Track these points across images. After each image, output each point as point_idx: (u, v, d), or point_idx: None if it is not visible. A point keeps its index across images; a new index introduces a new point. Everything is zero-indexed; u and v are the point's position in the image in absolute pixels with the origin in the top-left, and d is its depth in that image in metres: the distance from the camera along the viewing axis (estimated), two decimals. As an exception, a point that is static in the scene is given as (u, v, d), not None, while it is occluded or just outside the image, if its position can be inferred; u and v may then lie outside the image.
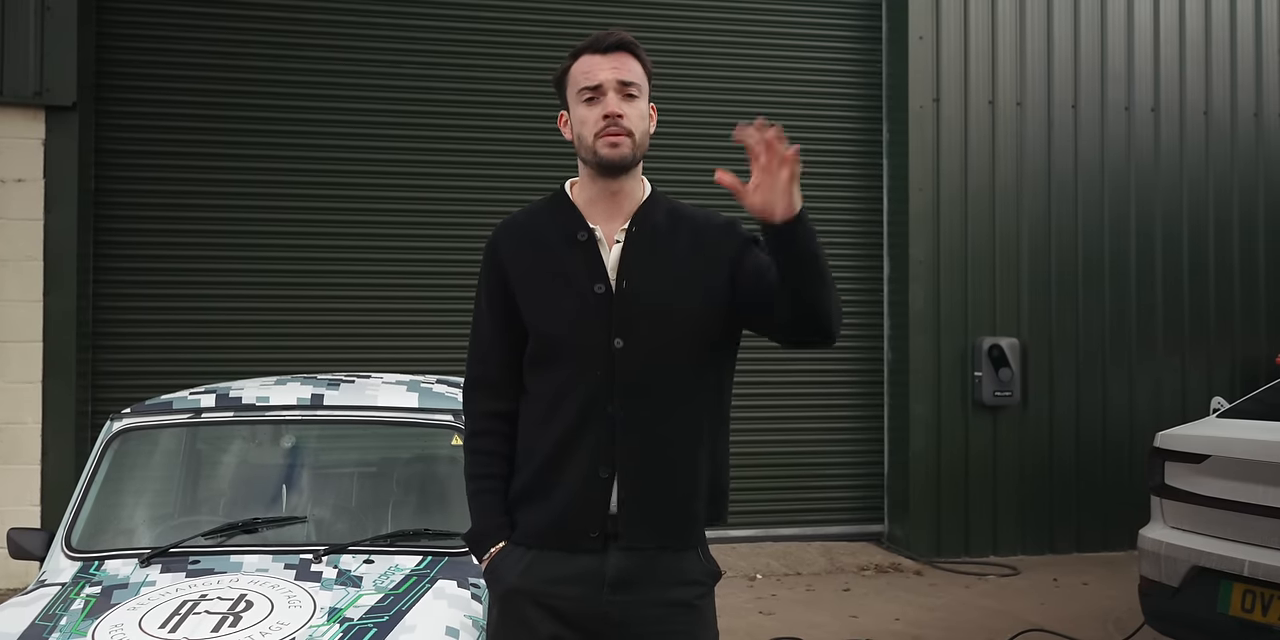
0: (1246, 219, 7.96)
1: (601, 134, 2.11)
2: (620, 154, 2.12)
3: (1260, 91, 8.00)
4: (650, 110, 2.21)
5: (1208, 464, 4.19)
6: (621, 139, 2.11)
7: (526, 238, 2.22)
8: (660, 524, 2.13)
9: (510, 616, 2.15)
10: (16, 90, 6.32)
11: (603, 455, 2.11)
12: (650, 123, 2.20)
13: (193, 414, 3.46)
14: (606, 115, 2.10)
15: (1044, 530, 7.44)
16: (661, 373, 2.12)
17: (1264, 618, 3.82)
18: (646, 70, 2.19)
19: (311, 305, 6.98)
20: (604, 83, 2.11)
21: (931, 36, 7.45)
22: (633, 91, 2.14)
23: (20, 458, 6.31)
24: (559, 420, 2.13)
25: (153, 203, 6.83)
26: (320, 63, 7.06)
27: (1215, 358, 7.83)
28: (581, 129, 2.15)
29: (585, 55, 2.16)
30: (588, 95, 2.13)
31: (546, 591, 2.11)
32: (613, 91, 2.12)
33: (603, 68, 2.13)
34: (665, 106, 7.76)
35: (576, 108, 2.16)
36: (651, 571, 2.12)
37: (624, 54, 2.15)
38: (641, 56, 2.18)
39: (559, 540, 2.13)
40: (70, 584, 2.97)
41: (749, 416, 6.81)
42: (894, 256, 7.60)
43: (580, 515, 2.11)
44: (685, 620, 2.14)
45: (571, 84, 2.17)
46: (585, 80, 2.13)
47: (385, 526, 3.38)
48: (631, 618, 2.10)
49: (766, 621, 5.66)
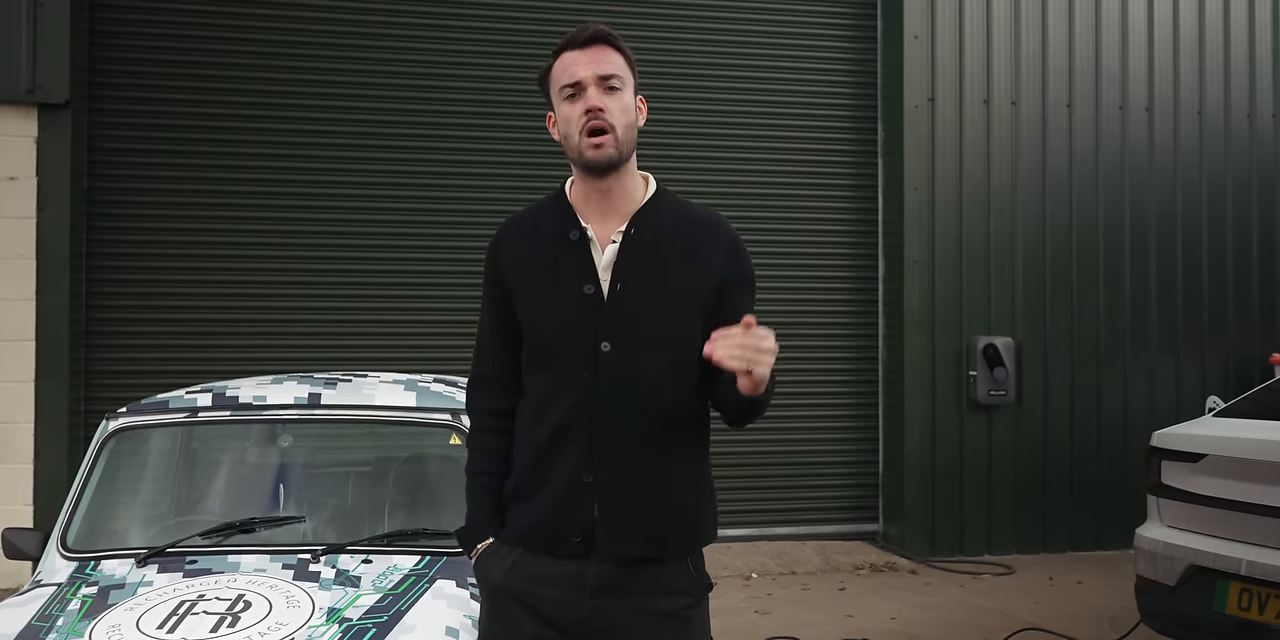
0: (1240, 218, 7.99)
1: (584, 132, 2.08)
2: (605, 154, 2.09)
3: (1253, 91, 8.02)
4: (639, 102, 2.17)
5: (1204, 463, 4.20)
6: (605, 139, 2.08)
7: (525, 236, 2.20)
8: (640, 533, 2.09)
9: (496, 614, 2.15)
10: (9, 88, 6.29)
11: (587, 459, 2.09)
12: (640, 115, 2.17)
13: (189, 413, 3.44)
14: (588, 110, 2.08)
15: (1038, 529, 7.46)
16: (647, 379, 2.10)
17: (1260, 616, 3.83)
18: (629, 61, 2.15)
19: (307, 304, 6.96)
20: (583, 78, 2.09)
21: (926, 36, 7.46)
22: (614, 83, 2.10)
23: (12, 457, 6.29)
24: (548, 421, 2.12)
25: (146, 201, 6.81)
26: (315, 60, 7.04)
27: (1209, 357, 7.86)
28: (567, 128, 2.12)
29: (564, 52, 2.13)
30: (569, 92, 2.11)
31: (530, 591, 2.10)
32: (593, 86, 2.09)
33: (581, 63, 2.10)
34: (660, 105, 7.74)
35: (560, 106, 2.13)
36: (634, 580, 2.08)
37: (602, 46, 2.12)
38: (621, 47, 2.14)
39: (542, 542, 2.11)
40: (66, 584, 2.95)
41: (744, 416, 6.80)
42: (889, 256, 7.61)
43: (563, 518, 2.09)
44: (672, 631, 2.10)
45: (554, 83, 2.14)
46: (565, 77, 2.11)
47: (383, 526, 3.37)
48: (613, 625, 2.07)
49: (762, 621, 5.65)
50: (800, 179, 7.62)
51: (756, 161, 7.56)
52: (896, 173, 7.49)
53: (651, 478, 2.11)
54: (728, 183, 7.42)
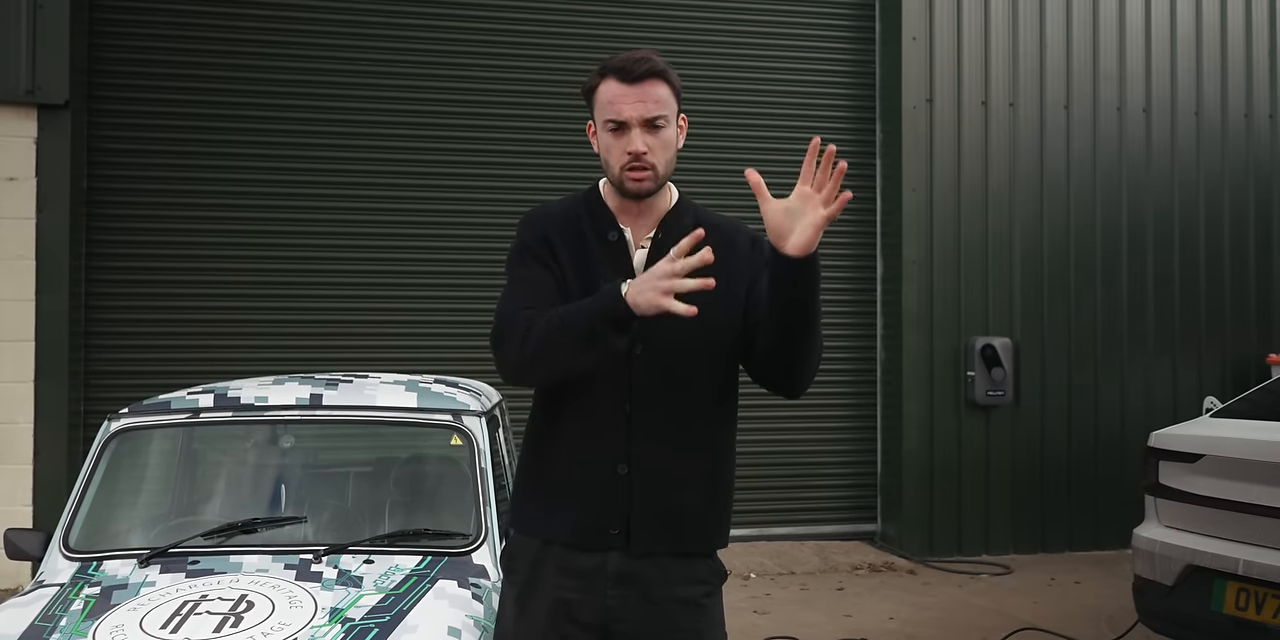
0: (1237, 219, 8.01)
1: (626, 168, 2.11)
2: (644, 187, 2.14)
3: (1250, 92, 8.04)
4: (680, 123, 2.19)
5: (1202, 463, 4.22)
6: (645, 175, 2.12)
7: (567, 229, 2.20)
8: (674, 527, 2.14)
9: (525, 611, 2.17)
10: (8, 88, 6.29)
11: (619, 456, 2.13)
12: (680, 136, 2.19)
13: (191, 414, 3.45)
14: (630, 152, 2.10)
15: (1036, 529, 7.47)
16: (677, 380, 2.14)
17: (1258, 616, 3.85)
18: (676, 91, 2.16)
19: (307, 305, 6.97)
20: (629, 119, 2.09)
21: (925, 37, 7.47)
22: (659, 122, 2.12)
23: (12, 458, 6.29)
24: (581, 419, 2.14)
25: (146, 201, 6.81)
26: (314, 61, 7.04)
27: (1206, 357, 7.88)
28: (608, 155, 2.15)
29: (613, 80, 2.12)
30: (613, 126, 2.12)
31: (557, 583, 2.13)
32: (637, 127, 2.10)
33: (629, 101, 2.10)
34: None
35: (603, 134, 2.15)
36: (656, 570, 2.13)
37: (653, 82, 2.11)
38: (671, 79, 2.14)
39: (579, 537, 2.14)
40: (69, 585, 2.96)
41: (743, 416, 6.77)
42: (887, 256, 7.62)
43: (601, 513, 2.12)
44: (691, 617, 2.15)
45: (598, 108, 2.15)
46: (611, 112, 2.11)
47: (384, 526, 3.38)
48: (633, 615, 2.11)
49: (761, 621, 5.67)
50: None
51: (755, 162, 7.43)
52: (895, 173, 7.51)
53: (684, 473, 2.15)
54: (727, 183, 7.41)
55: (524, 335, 2.04)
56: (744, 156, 7.55)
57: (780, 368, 2.13)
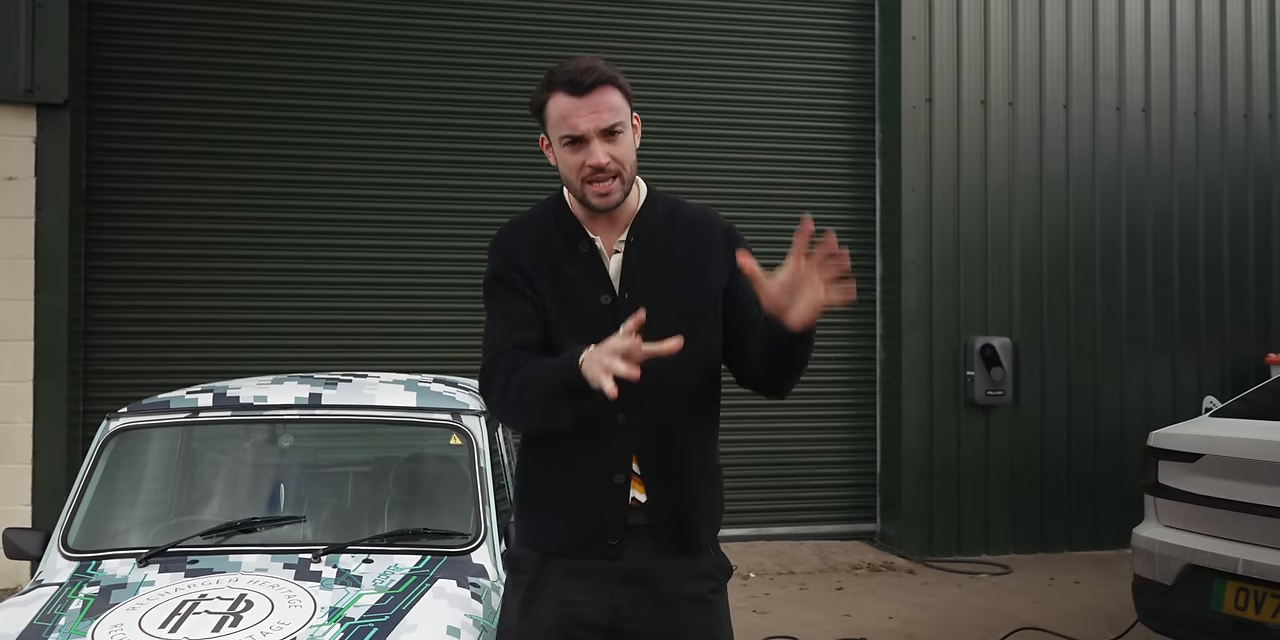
0: (1236, 219, 8.01)
1: (587, 181, 2.07)
2: (611, 200, 2.10)
3: (1250, 92, 8.04)
4: (634, 122, 2.14)
5: (1201, 463, 4.22)
6: (610, 186, 2.08)
7: (538, 243, 2.18)
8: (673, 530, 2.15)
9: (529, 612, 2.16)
10: (7, 88, 6.29)
11: (616, 463, 2.12)
12: (636, 135, 2.15)
13: (190, 413, 3.45)
14: (593, 166, 2.06)
15: (1035, 529, 7.47)
16: (667, 383, 2.11)
17: (1257, 615, 3.85)
18: (626, 94, 2.10)
19: (307, 304, 6.96)
20: (586, 133, 2.05)
21: (924, 37, 7.47)
22: (617, 128, 2.07)
23: (11, 457, 6.29)
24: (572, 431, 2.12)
25: (145, 201, 6.80)
26: (314, 60, 7.04)
27: (1205, 357, 7.88)
28: (568, 171, 2.10)
29: (562, 94, 2.06)
30: (568, 140, 2.07)
31: (564, 585, 2.13)
32: (596, 138, 2.05)
33: (582, 114, 2.04)
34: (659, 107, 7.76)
35: (560, 149, 2.10)
36: (662, 568, 2.14)
37: (603, 90, 2.05)
38: (621, 84, 2.09)
39: (579, 548, 2.13)
40: (68, 584, 2.96)
41: (741, 415, 6.80)
42: (886, 256, 7.62)
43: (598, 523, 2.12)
44: (699, 613, 2.15)
45: (551, 124, 2.09)
46: (566, 128, 2.06)
47: (384, 526, 3.38)
48: (643, 613, 2.11)
49: (760, 620, 5.67)
50: (798, 179, 7.63)
51: (754, 162, 7.57)
52: (894, 173, 7.51)
53: (678, 477, 2.16)
54: (726, 183, 7.43)
55: (503, 389, 2.06)
56: (744, 157, 7.57)
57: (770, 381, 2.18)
